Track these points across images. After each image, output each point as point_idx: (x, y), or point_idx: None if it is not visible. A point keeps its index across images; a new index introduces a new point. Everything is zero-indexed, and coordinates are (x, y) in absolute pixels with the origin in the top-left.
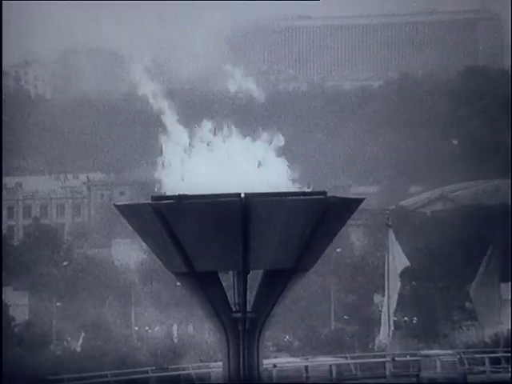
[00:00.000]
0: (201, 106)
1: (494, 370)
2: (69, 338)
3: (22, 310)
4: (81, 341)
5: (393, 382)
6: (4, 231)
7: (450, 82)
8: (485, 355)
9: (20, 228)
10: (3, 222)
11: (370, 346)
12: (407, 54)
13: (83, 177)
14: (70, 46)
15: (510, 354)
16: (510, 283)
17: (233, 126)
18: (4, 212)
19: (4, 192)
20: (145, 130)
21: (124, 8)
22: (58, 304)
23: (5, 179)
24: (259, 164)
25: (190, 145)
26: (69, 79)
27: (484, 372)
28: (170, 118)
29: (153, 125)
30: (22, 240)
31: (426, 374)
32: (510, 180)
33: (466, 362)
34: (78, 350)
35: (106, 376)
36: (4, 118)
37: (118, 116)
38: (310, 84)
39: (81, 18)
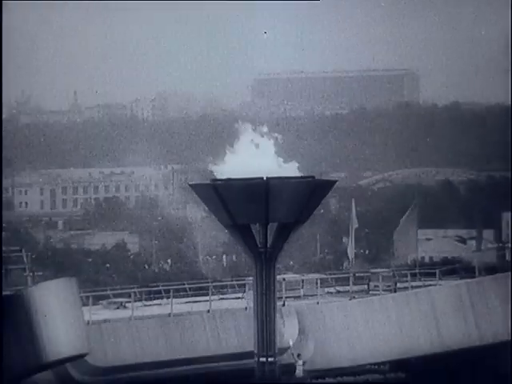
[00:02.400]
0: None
1: (413, 280)
2: (162, 262)
3: (134, 246)
4: (169, 263)
5: (354, 288)
6: (123, 199)
7: (388, 111)
8: (408, 271)
9: (133, 198)
10: (121, 194)
11: (340, 268)
12: (363, 94)
13: (170, 167)
14: (160, 90)
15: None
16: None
17: (258, 136)
18: (122, 189)
19: (122, 176)
20: (205, 136)
21: (185, 65)
22: (155, 242)
23: (123, 169)
24: (274, 159)
25: (235, 145)
26: (163, 109)
27: (407, 281)
28: (223, 130)
29: (211, 133)
30: (133, 205)
31: (372, 283)
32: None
33: (396, 275)
34: (168, 269)
35: (183, 284)
36: (127, 136)
37: (191, 127)
38: (306, 112)
39: (166, 69)
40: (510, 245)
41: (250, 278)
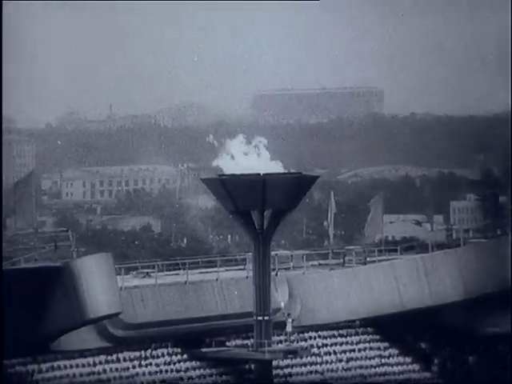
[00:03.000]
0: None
1: (379, 255)
2: (179, 240)
3: (157, 227)
4: (185, 242)
5: (333, 262)
6: (148, 190)
7: (358, 121)
8: (375, 248)
9: (156, 189)
10: (147, 186)
11: (322, 245)
12: (339, 107)
13: (185, 165)
14: (177, 103)
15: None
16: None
17: (260, 144)
18: (147, 183)
19: (147, 172)
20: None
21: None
22: (174, 224)
23: (148, 166)
24: (269, 161)
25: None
26: (179, 119)
27: (374, 256)
28: (226, 135)
29: (217, 138)
30: (156, 195)
31: (347, 258)
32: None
33: (366, 251)
34: (184, 246)
35: (197, 258)
36: (152, 140)
37: (201, 133)
38: (294, 121)
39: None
40: (456, 226)
41: (250, 254)
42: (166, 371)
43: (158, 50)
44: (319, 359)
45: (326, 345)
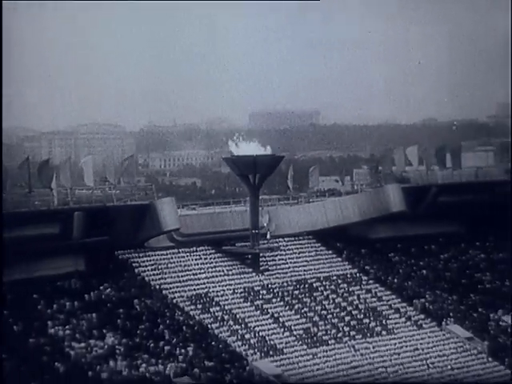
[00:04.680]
0: (244, 133)
1: (316, 198)
2: (210, 190)
3: (199, 184)
4: (213, 191)
5: (292, 202)
6: (193, 163)
7: (306, 128)
8: (314, 194)
9: (198, 163)
10: (193, 161)
11: (286, 193)
12: (295, 120)
13: (214, 150)
14: (208, 116)
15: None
16: None
17: (254, 139)
18: (194, 160)
19: (193, 154)
20: (226, 138)
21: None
22: (208, 181)
23: (192, 151)
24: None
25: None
26: (210, 125)
27: (314, 198)
28: (233, 135)
29: (230, 136)
30: (198, 166)
31: (300, 199)
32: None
33: (310, 196)
34: (213, 193)
35: (220, 199)
36: (194, 137)
37: (222, 133)
38: (273, 127)
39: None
40: (356, 183)
41: (248, 197)
42: (204, 258)
43: (197, 84)
44: (283, 252)
45: (288, 245)
